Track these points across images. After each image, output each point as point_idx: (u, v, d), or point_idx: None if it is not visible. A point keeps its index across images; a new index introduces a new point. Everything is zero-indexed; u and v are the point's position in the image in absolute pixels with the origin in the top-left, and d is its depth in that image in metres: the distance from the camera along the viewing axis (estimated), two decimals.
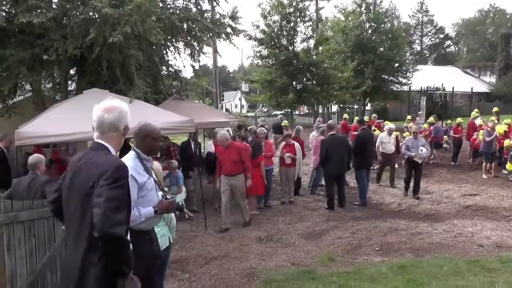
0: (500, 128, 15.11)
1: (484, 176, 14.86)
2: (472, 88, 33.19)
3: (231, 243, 8.57)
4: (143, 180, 4.04)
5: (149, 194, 4.10)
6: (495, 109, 19.01)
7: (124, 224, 2.96)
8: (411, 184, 12.31)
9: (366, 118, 19.53)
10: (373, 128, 17.29)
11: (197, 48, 13.38)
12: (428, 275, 6.67)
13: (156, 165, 5.35)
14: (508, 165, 14.28)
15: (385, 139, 13.96)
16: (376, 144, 14.05)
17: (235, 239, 8.83)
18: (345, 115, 22.91)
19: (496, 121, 15.76)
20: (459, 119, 18.92)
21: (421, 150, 11.84)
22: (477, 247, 8.21)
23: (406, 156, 12.29)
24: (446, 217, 10.48)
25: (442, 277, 6.59)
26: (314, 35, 32.31)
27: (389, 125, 15.17)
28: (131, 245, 3.17)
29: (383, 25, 38.08)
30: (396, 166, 14.65)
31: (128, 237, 3.11)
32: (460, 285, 6.17)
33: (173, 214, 5.46)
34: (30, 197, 6.00)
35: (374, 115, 22.85)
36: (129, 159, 4.08)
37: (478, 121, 18.31)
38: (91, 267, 3.02)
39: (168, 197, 4.39)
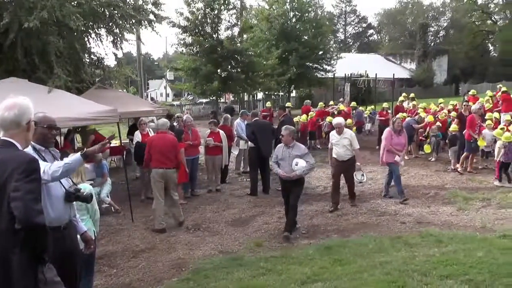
0: (430, 117, 16.03)
1: (405, 157, 15.52)
2: (394, 74, 34.38)
3: (158, 235, 8.47)
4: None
5: (51, 186, 3.94)
6: (412, 94, 21.07)
7: (43, 213, 3.19)
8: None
9: (288, 104, 19.87)
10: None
11: (120, 35, 13.01)
12: (354, 254, 6.90)
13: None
14: (425, 147, 15.09)
15: (334, 139, 10.07)
16: (329, 147, 10.53)
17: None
18: (268, 103, 23.20)
19: (416, 104, 16.75)
20: (384, 104, 19.76)
21: (296, 164, 8.00)
22: (400, 224, 8.62)
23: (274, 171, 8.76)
24: (371, 197, 10.91)
25: (367, 254, 6.84)
26: (239, 23, 32.31)
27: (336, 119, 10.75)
28: None
29: (307, 14, 38.84)
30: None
31: None
32: (384, 261, 6.42)
33: (97, 207, 5.35)
34: None
35: (307, 101, 23.24)
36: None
37: (406, 105, 19.50)
38: (13, 257, 3.17)
39: (79, 188, 4.27)
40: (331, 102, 21.88)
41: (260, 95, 43.49)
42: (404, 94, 21.84)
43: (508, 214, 8.87)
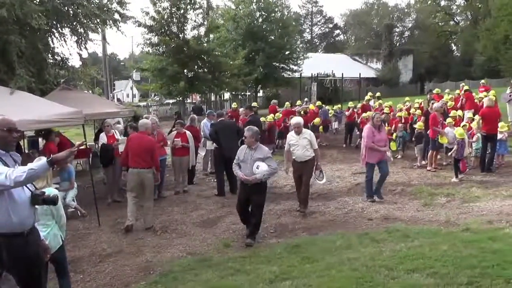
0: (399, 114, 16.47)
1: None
2: (360, 74, 35.02)
3: (125, 238, 8.39)
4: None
5: (14, 190, 3.84)
6: (377, 94, 21.74)
7: None
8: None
9: (254, 104, 19.92)
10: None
11: (84, 35, 12.83)
12: (322, 251, 6.98)
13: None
14: (391, 144, 15.31)
15: (292, 139, 9.61)
16: (285, 149, 10.25)
17: (129, 234, 8.64)
18: (234, 104, 23.18)
19: (381, 103, 17.41)
20: (350, 103, 19.99)
21: (257, 167, 7.65)
22: (367, 221, 8.74)
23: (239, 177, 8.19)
24: (338, 195, 11.01)
25: (335, 251, 6.92)
26: (205, 22, 32.14)
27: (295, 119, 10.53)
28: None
29: (273, 14, 38.95)
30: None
31: None
32: (351, 257, 6.50)
33: (63, 212, 5.25)
34: None
35: (274, 100, 23.31)
36: None
37: (372, 104, 19.83)
38: None
39: (44, 191, 4.18)
40: (298, 102, 22.00)
41: (227, 95, 43.41)
42: (370, 93, 22.24)
43: (471, 208, 9.08)
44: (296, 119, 10.02)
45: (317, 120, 18.30)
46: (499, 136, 12.16)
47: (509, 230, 7.33)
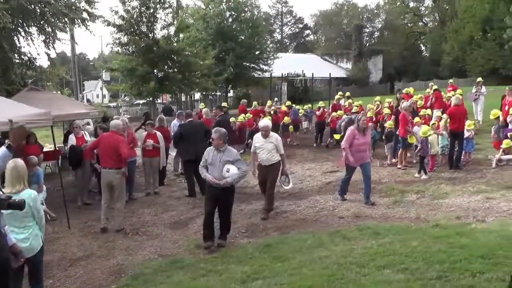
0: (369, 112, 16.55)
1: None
2: (330, 74, 35.18)
3: (96, 241, 8.31)
4: None
5: None
6: (347, 93, 21.98)
7: None
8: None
9: (224, 104, 19.89)
10: None
11: (52, 34, 12.63)
12: (293, 250, 7.01)
13: (18, 161, 4.99)
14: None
15: (259, 142, 9.38)
16: (251, 150, 9.85)
17: (100, 236, 8.58)
18: (202, 105, 23.10)
19: (351, 102, 17.98)
20: (320, 103, 20.15)
21: (227, 170, 7.46)
22: (338, 219, 8.81)
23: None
24: (309, 194, 11.07)
25: (306, 250, 6.97)
26: (175, 22, 31.93)
27: (263, 122, 10.35)
28: None
29: (243, 14, 38.96)
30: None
31: None
32: (323, 255, 6.55)
33: (42, 213, 5.24)
34: None
35: (243, 100, 23.33)
36: None
37: (343, 103, 20.01)
38: None
39: (10, 196, 4.13)
40: (269, 102, 22.05)
41: (197, 96, 43.24)
42: (340, 92, 22.39)
43: (440, 204, 9.23)
44: (264, 122, 9.82)
45: (286, 119, 18.42)
46: (467, 134, 12.39)
47: (476, 225, 7.52)
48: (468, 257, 5.75)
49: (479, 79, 19.25)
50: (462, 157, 12.43)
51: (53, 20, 12.09)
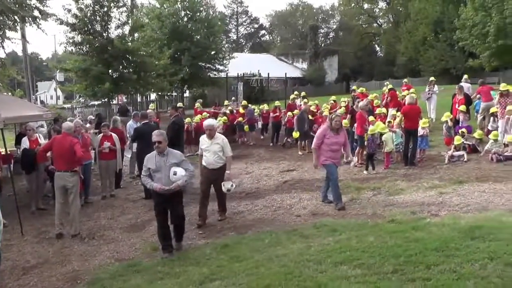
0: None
1: (299, 152, 16.07)
2: (286, 73, 35.51)
3: (51, 247, 8.16)
4: None
5: None
6: (303, 93, 22.12)
7: None
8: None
9: (179, 104, 19.80)
10: None
11: (1, 33, 12.27)
12: (251, 250, 7.04)
13: None
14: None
15: (204, 144, 8.95)
16: (199, 153, 9.35)
17: (55, 242, 8.43)
18: (151, 105, 22.89)
19: (306, 102, 17.92)
20: (277, 102, 20.32)
21: (174, 173, 7.04)
22: (295, 218, 8.86)
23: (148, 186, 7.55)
24: (266, 193, 11.15)
25: (263, 249, 6.99)
26: (129, 21, 31.52)
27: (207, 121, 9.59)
28: None
29: (198, 14, 38.88)
30: None
31: None
32: (280, 254, 6.59)
33: (1, 218, 5.15)
34: None
35: (199, 100, 23.26)
36: None
37: (298, 102, 20.19)
38: None
39: None
40: (226, 102, 22.06)
41: (153, 96, 42.84)
42: (296, 92, 22.66)
43: (395, 200, 9.41)
44: (208, 121, 9.26)
45: (240, 118, 18.58)
46: (421, 132, 12.73)
47: (430, 219, 7.70)
48: (422, 250, 5.91)
49: (432, 78, 19.81)
50: (417, 154, 12.76)
51: (1, 18, 11.74)
